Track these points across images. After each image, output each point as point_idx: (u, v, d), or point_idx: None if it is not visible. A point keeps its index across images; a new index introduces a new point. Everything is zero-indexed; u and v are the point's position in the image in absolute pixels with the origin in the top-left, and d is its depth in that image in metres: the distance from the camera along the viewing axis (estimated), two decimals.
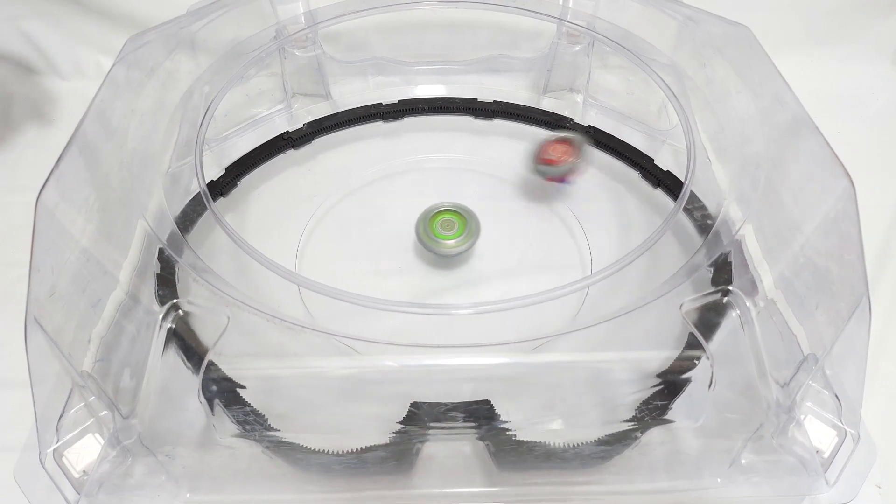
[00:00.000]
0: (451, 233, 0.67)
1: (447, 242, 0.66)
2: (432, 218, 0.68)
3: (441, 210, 0.69)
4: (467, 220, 0.68)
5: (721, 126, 0.66)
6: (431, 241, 0.66)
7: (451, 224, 0.68)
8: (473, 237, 0.67)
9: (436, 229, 0.67)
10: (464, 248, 0.66)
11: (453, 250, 0.66)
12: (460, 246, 0.66)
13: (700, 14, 0.72)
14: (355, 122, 0.85)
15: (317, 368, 0.55)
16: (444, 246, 0.66)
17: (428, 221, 0.68)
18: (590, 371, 0.55)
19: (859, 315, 0.45)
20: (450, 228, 0.67)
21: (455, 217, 0.68)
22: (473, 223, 0.68)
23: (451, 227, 0.67)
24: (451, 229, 0.67)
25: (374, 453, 0.49)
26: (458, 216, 0.68)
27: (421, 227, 0.67)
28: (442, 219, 0.68)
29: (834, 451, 0.47)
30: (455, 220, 0.68)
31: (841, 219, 0.49)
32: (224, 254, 0.66)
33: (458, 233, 0.67)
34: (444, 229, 0.67)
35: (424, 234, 0.67)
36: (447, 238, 0.67)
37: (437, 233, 0.67)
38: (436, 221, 0.68)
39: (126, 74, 0.64)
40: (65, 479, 0.45)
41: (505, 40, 0.90)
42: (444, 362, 0.52)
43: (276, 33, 0.78)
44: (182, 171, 0.69)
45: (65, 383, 0.47)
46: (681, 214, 0.61)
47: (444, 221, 0.68)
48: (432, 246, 0.66)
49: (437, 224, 0.67)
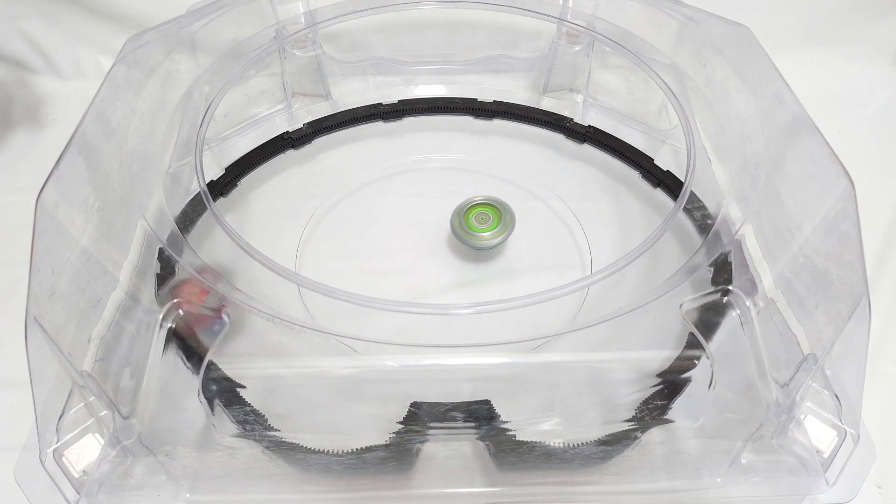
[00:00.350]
0: (487, 225, 0.68)
1: (482, 235, 0.67)
2: (467, 212, 0.69)
3: (476, 204, 0.70)
4: (502, 212, 0.69)
5: (721, 126, 0.66)
6: (467, 234, 0.67)
7: (486, 217, 0.68)
8: (509, 228, 0.68)
9: (471, 222, 0.68)
10: (500, 240, 0.67)
11: (488, 242, 0.67)
12: (496, 238, 0.67)
13: (700, 14, 0.72)
14: (355, 122, 0.85)
15: (317, 368, 0.55)
16: (480, 238, 0.67)
17: (463, 215, 0.68)
18: (590, 371, 0.55)
19: (859, 315, 0.45)
20: (485, 221, 0.68)
21: (489, 210, 0.69)
22: (508, 215, 0.68)
23: (486, 220, 0.68)
24: (486, 222, 0.68)
25: (373, 453, 0.49)
26: (492, 209, 0.69)
27: (456, 220, 0.68)
28: (477, 212, 0.69)
29: (834, 451, 0.47)
30: (490, 213, 0.69)
31: (841, 219, 0.49)
32: (224, 253, 0.66)
33: (494, 225, 0.68)
34: (479, 222, 0.68)
35: (460, 228, 0.68)
36: (482, 231, 0.67)
37: (472, 226, 0.68)
38: (471, 215, 0.69)
39: (126, 74, 0.64)
40: (65, 478, 0.45)
41: (505, 40, 0.90)
42: (444, 362, 0.52)
43: (276, 33, 0.78)
44: (182, 171, 0.69)
45: (65, 383, 0.47)
46: (681, 214, 0.61)
47: (479, 215, 0.69)
48: (468, 239, 0.67)
49: (472, 217, 0.68)
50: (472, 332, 0.54)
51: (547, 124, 0.85)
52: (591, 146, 0.82)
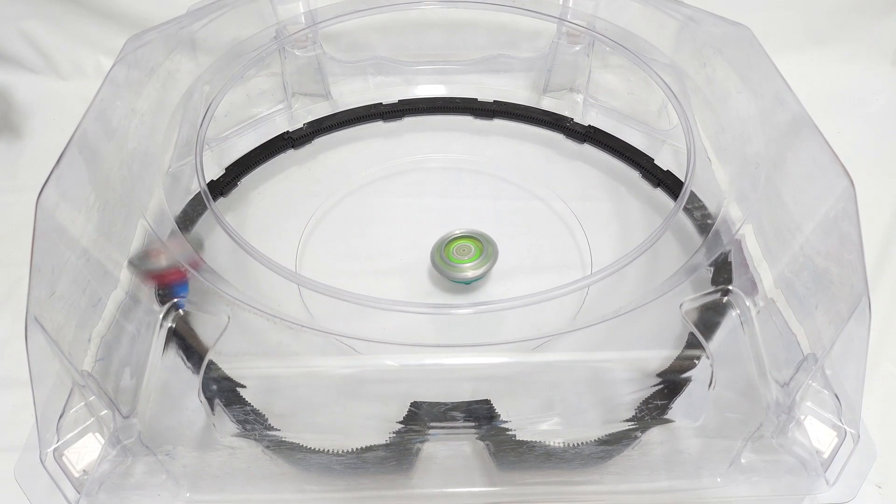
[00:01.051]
0: (468, 257, 0.65)
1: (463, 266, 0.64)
2: (447, 245, 0.66)
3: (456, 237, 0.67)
4: (483, 244, 0.66)
5: (721, 126, 0.66)
6: (448, 266, 0.64)
7: (467, 249, 0.65)
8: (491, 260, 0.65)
9: (451, 255, 0.65)
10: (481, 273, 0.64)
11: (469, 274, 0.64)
12: (477, 269, 0.64)
13: (700, 14, 0.72)
14: (355, 122, 0.85)
15: (317, 368, 0.55)
16: (461, 270, 0.64)
17: (443, 248, 0.66)
18: (590, 371, 0.55)
19: (859, 315, 0.45)
20: (466, 253, 0.65)
21: (471, 242, 0.66)
22: (491, 248, 0.66)
23: (467, 252, 0.65)
24: (467, 255, 0.65)
25: (374, 453, 0.49)
26: (474, 241, 0.66)
27: (437, 254, 0.65)
28: (458, 245, 0.66)
29: (834, 450, 0.47)
30: (471, 246, 0.66)
31: (841, 219, 0.49)
32: (224, 253, 0.66)
33: (475, 256, 0.65)
34: (459, 254, 0.65)
35: (441, 261, 0.65)
36: (463, 262, 0.64)
37: (453, 258, 0.65)
38: (451, 248, 0.66)
39: (126, 74, 0.64)
40: (65, 478, 0.45)
41: (505, 40, 0.90)
42: (444, 362, 0.52)
43: (276, 33, 0.78)
44: (182, 171, 0.69)
45: (65, 383, 0.47)
46: (681, 214, 0.61)
47: (459, 247, 0.66)
48: (449, 272, 0.64)
49: (453, 250, 0.66)
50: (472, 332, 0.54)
51: (547, 124, 0.85)
52: (591, 146, 0.82)
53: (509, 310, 0.51)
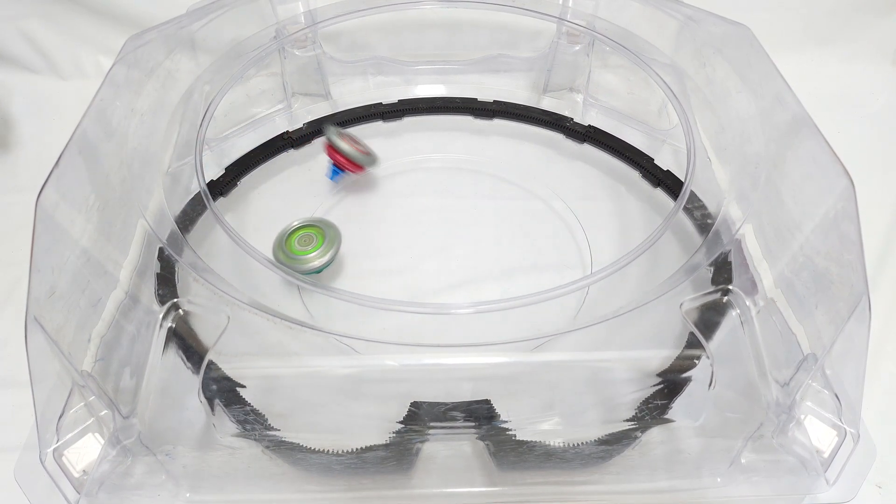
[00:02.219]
0: (310, 247, 0.64)
1: (307, 257, 0.63)
2: (289, 237, 0.65)
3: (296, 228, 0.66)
4: (325, 231, 0.65)
5: (721, 126, 0.66)
6: (291, 259, 0.63)
7: (309, 239, 0.64)
8: (335, 246, 0.64)
9: (293, 247, 0.64)
10: (326, 260, 0.63)
11: (314, 264, 0.63)
12: (322, 257, 0.63)
13: (700, 14, 0.72)
14: (355, 122, 0.85)
15: (317, 368, 0.55)
16: (306, 262, 0.63)
17: (284, 241, 0.64)
18: (590, 370, 0.55)
19: (859, 315, 0.45)
20: (308, 243, 0.64)
21: (313, 231, 0.65)
22: (332, 232, 0.65)
23: (309, 241, 0.64)
24: (310, 244, 0.64)
25: (374, 453, 0.49)
26: (315, 230, 0.65)
27: (279, 250, 0.64)
28: (299, 235, 0.65)
29: (834, 450, 0.47)
30: (313, 234, 0.65)
31: (841, 218, 0.49)
32: (224, 253, 0.66)
33: (318, 245, 0.64)
34: (301, 245, 0.64)
35: (283, 255, 0.63)
36: (307, 252, 0.63)
37: (295, 249, 0.63)
38: (293, 239, 0.64)
39: (126, 74, 0.64)
40: (65, 478, 0.45)
41: (505, 40, 0.90)
42: (444, 362, 0.52)
43: (276, 33, 0.78)
44: (182, 171, 0.69)
45: (65, 383, 0.47)
46: (681, 214, 0.62)
47: (301, 237, 0.64)
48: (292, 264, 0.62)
49: (295, 241, 0.64)
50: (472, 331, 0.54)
51: (547, 124, 0.85)
52: (591, 146, 0.83)
53: (509, 310, 0.51)
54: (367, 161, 0.73)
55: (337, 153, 0.71)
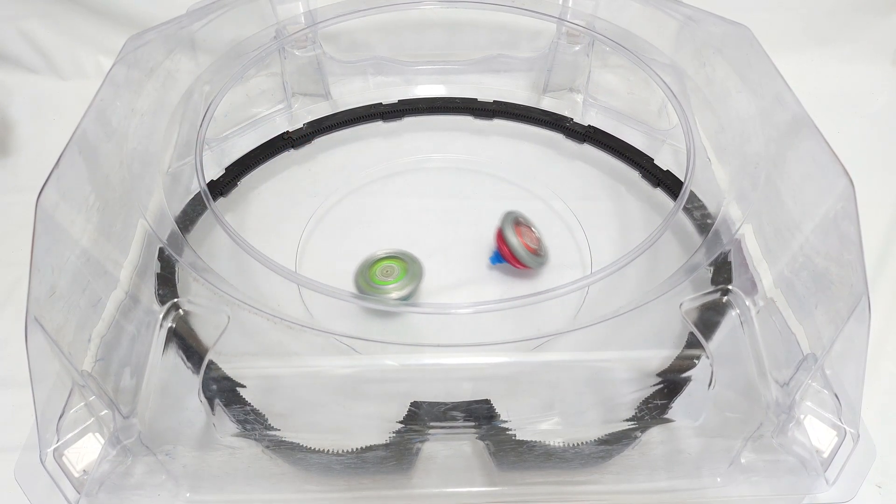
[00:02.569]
0: (391, 279, 0.63)
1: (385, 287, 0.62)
2: (372, 266, 0.65)
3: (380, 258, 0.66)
4: (408, 265, 0.64)
5: (721, 126, 0.66)
6: (370, 287, 0.62)
7: (391, 270, 0.64)
8: (415, 282, 0.63)
9: (375, 276, 0.64)
10: (405, 294, 0.62)
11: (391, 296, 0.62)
12: (402, 290, 0.62)
13: (700, 14, 0.72)
14: (355, 122, 0.85)
15: (317, 368, 0.55)
16: (385, 292, 0.62)
17: (367, 269, 0.64)
18: (590, 370, 0.55)
19: (859, 314, 0.45)
20: (389, 275, 0.63)
21: (395, 263, 0.65)
22: (416, 267, 0.64)
23: (390, 273, 0.64)
24: (391, 275, 0.63)
25: (374, 453, 0.49)
26: (398, 262, 0.65)
27: (360, 275, 0.64)
28: (382, 266, 0.65)
29: (833, 450, 0.47)
30: (395, 266, 0.64)
31: (840, 218, 0.49)
32: (224, 253, 0.66)
33: (398, 278, 0.63)
34: (383, 275, 0.63)
35: (363, 282, 0.63)
36: (387, 283, 0.63)
37: (376, 278, 0.63)
38: (375, 269, 0.64)
39: (126, 74, 0.64)
40: (65, 478, 0.45)
41: (505, 40, 0.90)
42: (444, 362, 0.52)
43: (276, 33, 0.78)
44: (182, 171, 0.69)
45: (65, 383, 0.47)
46: (680, 214, 0.61)
47: (384, 268, 0.64)
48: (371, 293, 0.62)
49: (377, 271, 0.64)
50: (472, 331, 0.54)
51: (547, 124, 0.85)
52: (591, 146, 0.83)
53: (509, 310, 0.51)
54: (534, 262, 0.66)
55: (504, 244, 0.66)
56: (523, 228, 0.68)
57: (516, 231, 0.66)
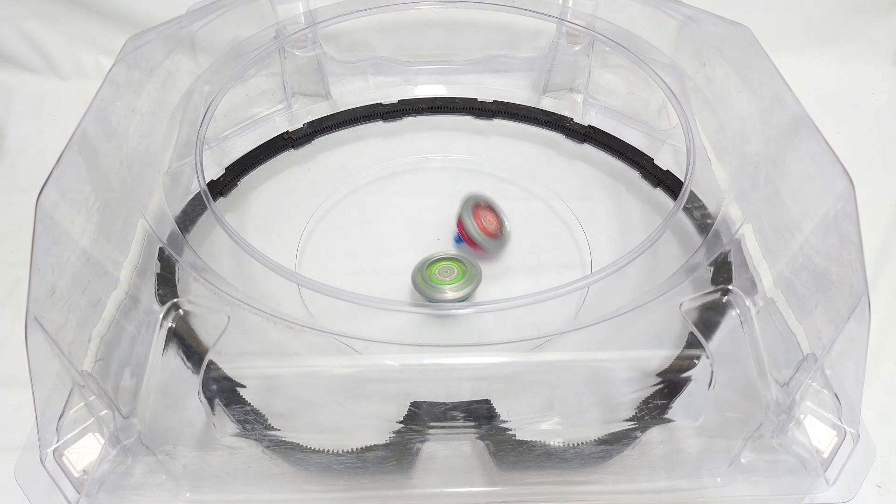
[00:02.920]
0: (449, 279, 0.63)
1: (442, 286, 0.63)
2: (431, 265, 0.65)
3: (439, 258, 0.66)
4: (467, 267, 0.65)
5: (721, 126, 0.66)
6: (427, 286, 0.63)
7: (450, 271, 0.64)
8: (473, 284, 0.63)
9: (433, 275, 0.64)
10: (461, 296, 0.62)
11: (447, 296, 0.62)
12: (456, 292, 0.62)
13: (700, 14, 0.72)
14: (355, 122, 0.85)
15: (317, 368, 0.55)
16: (443, 291, 0.63)
17: (426, 267, 0.65)
18: (590, 370, 0.55)
19: (859, 314, 0.45)
20: (448, 275, 0.64)
21: (455, 265, 0.65)
22: (474, 271, 0.64)
23: (449, 273, 0.64)
24: (450, 276, 0.64)
25: (374, 453, 0.49)
26: (458, 264, 0.65)
27: (418, 272, 0.64)
28: (441, 266, 0.65)
29: (833, 450, 0.47)
30: (454, 268, 0.65)
31: (840, 218, 0.49)
32: (224, 253, 0.66)
33: (457, 279, 0.63)
34: (441, 275, 0.64)
35: (421, 279, 0.64)
36: (445, 283, 0.63)
37: (434, 277, 0.64)
38: (434, 268, 0.65)
39: (126, 74, 0.64)
40: (65, 478, 0.45)
41: (505, 40, 0.90)
42: (444, 362, 0.52)
43: (276, 33, 0.78)
44: (182, 171, 0.69)
45: (65, 383, 0.47)
46: (680, 214, 0.62)
47: (443, 268, 0.65)
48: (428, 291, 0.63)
49: (436, 270, 0.64)
50: (472, 332, 0.54)
51: (547, 124, 0.85)
52: (591, 146, 0.83)
53: (509, 310, 0.51)
54: (489, 244, 0.67)
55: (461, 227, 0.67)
56: (483, 211, 0.69)
57: (474, 214, 0.67)
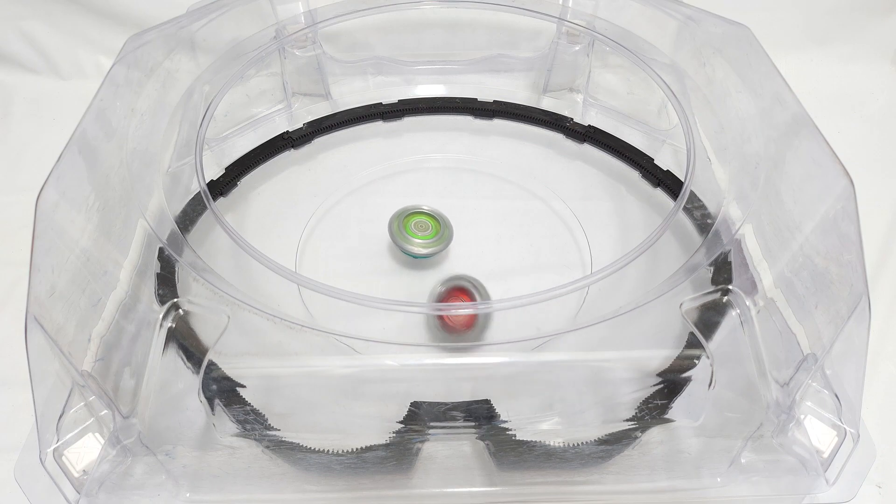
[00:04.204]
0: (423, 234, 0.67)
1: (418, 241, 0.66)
2: (406, 218, 0.68)
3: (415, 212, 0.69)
4: (442, 225, 0.68)
5: (721, 126, 0.66)
6: (405, 239, 0.66)
7: (425, 226, 0.68)
8: (446, 241, 0.67)
9: (410, 229, 0.67)
10: (436, 250, 0.66)
11: (424, 251, 0.66)
12: (432, 248, 0.66)
13: (700, 14, 0.72)
14: (355, 122, 0.85)
15: (317, 368, 0.55)
16: (416, 245, 0.66)
17: (402, 221, 0.68)
18: (590, 370, 0.55)
19: (859, 314, 0.45)
20: (424, 230, 0.67)
21: (429, 220, 0.68)
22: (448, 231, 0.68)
23: (424, 228, 0.67)
24: (426, 230, 0.67)
25: (374, 453, 0.49)
26: (432, 219, 0.68)
27: (395, 225, 0.67)
28: (416, 220, 0.68)
29: (833, 450, 0.47)
30: (429, 223, 0.68)
31: (840, 218, 0.49)
32: (224, 253, 0.66)
33: (432, 234, 0.67)
34: (418, 230, 0.67)
35: (398, 233, 0.67)
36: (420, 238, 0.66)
37: (411, 232, 0.67)
38: (410, 222, 0.68)
39: (126, 74, 0.64)
40: (65, 478, 0.45)
41: (505, 40, 0.90)
42: (444, 362, 0.52)
43: (276, 33, 0.78)
44: (182, 171, 0.69)
45: (65, 383, 0.47)
46: (681, 214, 0.61)
47: (418, 223, 0.68)
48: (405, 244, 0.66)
49: (412, 224, 0.67)
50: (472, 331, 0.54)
51: (547, 124, 0.85)
52: (591, 146, 0.83)
53: (509, 310, 0.51)
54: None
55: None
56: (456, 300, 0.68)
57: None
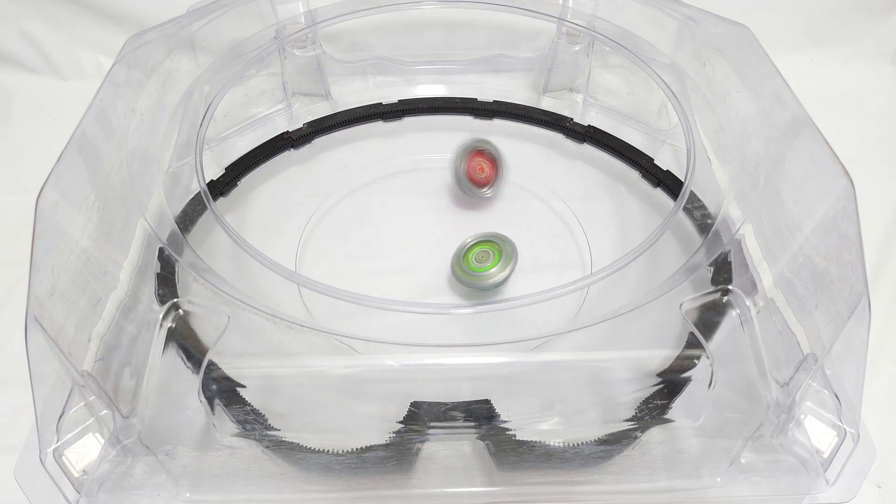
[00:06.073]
0: (488, 263, 0.64)
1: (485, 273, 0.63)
2: (466, 254, 0.65)
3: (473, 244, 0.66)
4: (501, 246, 0.65)
5: (721, 126, 0.66)
6: (469, 276, 0.63)
7: (486, 255, 0.64)
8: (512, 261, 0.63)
9: (471, 263, 0.64)
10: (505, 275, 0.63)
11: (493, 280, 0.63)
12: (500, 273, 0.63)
13: (700, 14, 0.72)
14: (355, 122, 0.85)
15: (317, 368, 0.55)
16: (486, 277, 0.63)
17: (462, 258, 0.64)
18: (590, 370, 0.55)
19: (859, 315, 0.45)
20: (485, 259, 0.64)
21: (489, 247, 0.65)
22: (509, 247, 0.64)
23: (486, 258, 0.64)
24: (487, 260, 0.64)
25: (374, 453, 0.49)
26: (492, 245, 0.65)
27: (457, 266, 0.64)
28: (476, 252, 0.65)
29: (833, 450, 0.47)
30: (490, 251, 0.65)
31: (840, 218, 0.49)
32: (224, 253, 0.66)
33: (495, 262, 0.64)
34: (478, 261, 0.64)
35: (461, 271, 0.64)
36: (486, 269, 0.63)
37: (473, 266, 0.64)
38: (470, 255, 0.65)
39: (126, 74, 0.64)
40: (65, 478, 0.45)
41: (505, 40, 0.90)
42: (444, 362, 0.52)
43: (276, 33, 0.78)
44: (182, 171, 0.69)
45: (65, 383, 0.47)
46: (681, 214, 0.61)
47: (478, 254, 0.65)
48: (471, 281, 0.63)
49: (472, 258, 0.64)
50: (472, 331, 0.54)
51: (547, 124, 0.85)
52: (591, 146, 0.83)
53: (509, 310, 0.51)
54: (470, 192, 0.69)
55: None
56: (479, 159, 0.69)
57: (469, 158, 0.68)
